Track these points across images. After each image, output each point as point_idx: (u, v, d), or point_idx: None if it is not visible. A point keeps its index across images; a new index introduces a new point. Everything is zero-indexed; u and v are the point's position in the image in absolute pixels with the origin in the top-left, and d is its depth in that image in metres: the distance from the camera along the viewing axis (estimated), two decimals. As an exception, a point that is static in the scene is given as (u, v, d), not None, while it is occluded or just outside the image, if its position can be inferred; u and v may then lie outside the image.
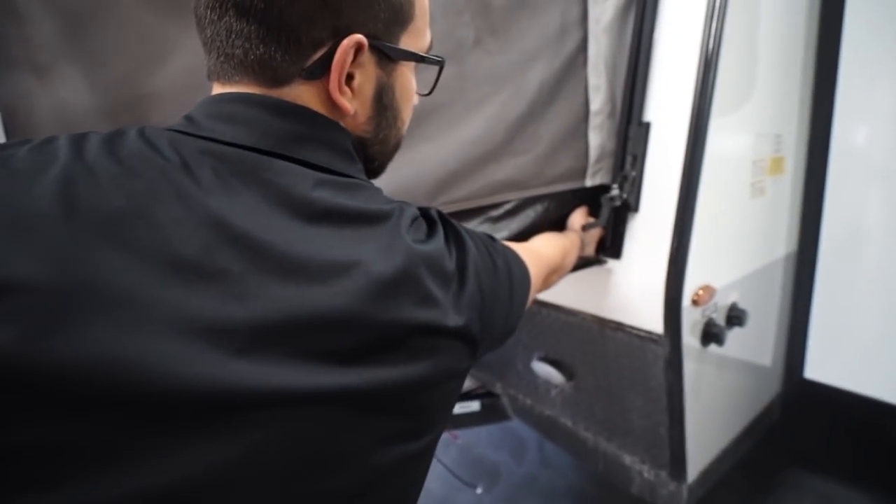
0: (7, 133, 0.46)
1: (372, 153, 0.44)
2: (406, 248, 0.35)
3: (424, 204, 0.74)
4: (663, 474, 1.08)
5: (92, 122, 0.50)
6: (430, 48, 0.45)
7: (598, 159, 1.00)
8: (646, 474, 1.12)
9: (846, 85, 1.19)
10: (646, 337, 0.99)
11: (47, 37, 0.48)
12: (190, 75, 0.55)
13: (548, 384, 1.34)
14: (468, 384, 1.79)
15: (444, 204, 0.78)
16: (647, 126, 0.96)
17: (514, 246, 0.58)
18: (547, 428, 1.43)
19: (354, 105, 0.39)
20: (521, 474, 2.10)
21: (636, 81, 0.97)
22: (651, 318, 0.97)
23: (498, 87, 0.82)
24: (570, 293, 1.15)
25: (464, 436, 2.35)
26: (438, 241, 0.39)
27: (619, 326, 1.04)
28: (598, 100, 0.97)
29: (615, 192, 0.95)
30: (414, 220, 0.40)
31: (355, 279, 0.32)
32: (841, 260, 1.26)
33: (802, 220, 1.30)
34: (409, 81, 0.44)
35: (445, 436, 1.65)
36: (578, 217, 1.00)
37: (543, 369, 1.30)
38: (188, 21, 0.53)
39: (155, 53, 0.54)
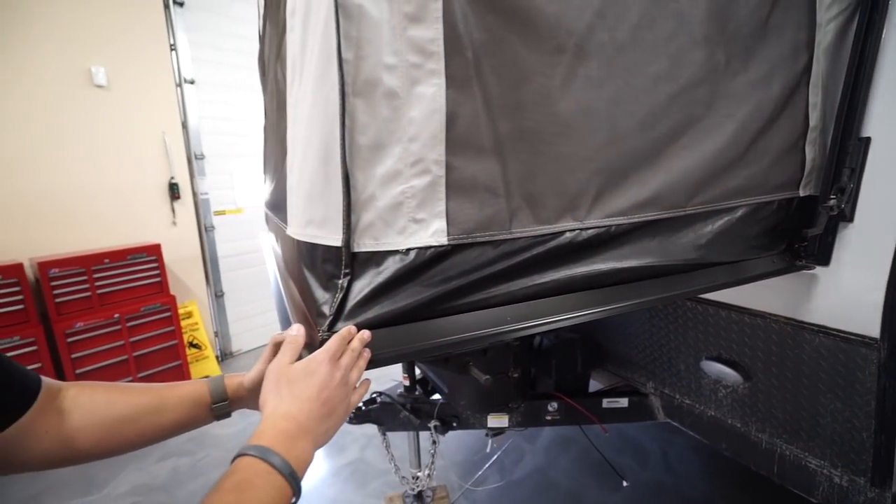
0: (448, 125, 0.64)
1: None
2: None
3: (682, 199, 0.87)
4: (861, 481, 1.10)
5: (487, 121, 0.68)
6: None
7: (810, 172, 1.06)
8: (836, 480, 1.15)
9: None
10: (856, 340, 1.03)
11: (470, 59, 0.65)
12: (539, 93, 0.71)
13: (716, 384, 1.40)
14: (612, 381, 1.87)
15: (696, 205, 0.89)
16: (866, 141, 1.02)
17: None
18: (708, 429, 1.47)
19: None
20: (646, 479, 2.13)
21: (856, 99, 1.02)
22: (864, 322, 1.02)
23: (741, 105, 0.92)
24: (759, 297, 1.21)
25: (583, 439, 2.41)
26: None
27: (820, 329, 1.09)
28: (815, 116, 1.04)
29: (833, 201, 1.01)
30: None
31: None
32: None
33: None
34: None
35: (595, 428, 1.73)
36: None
37: (715, 369, 1.36)
38: (557, 59, 0.70)
39: (520, 77, 0.70)
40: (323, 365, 0.57)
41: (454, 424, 1.72)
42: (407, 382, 1.82)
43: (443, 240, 0.65)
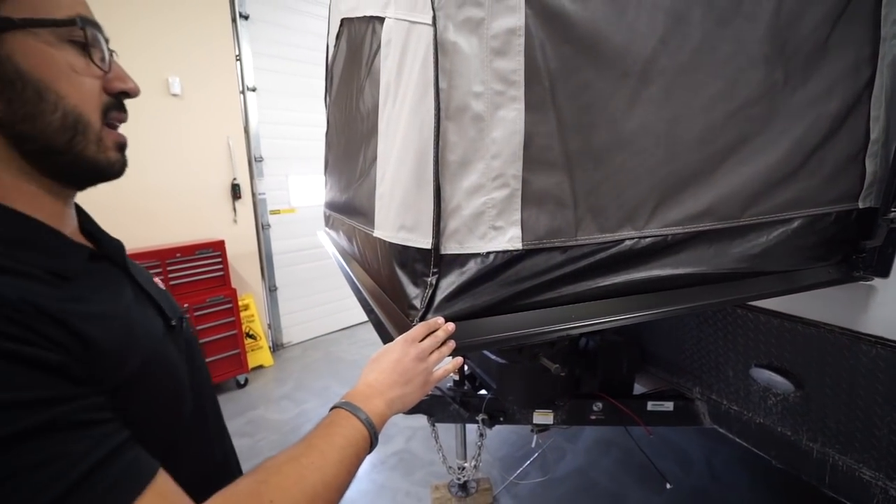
0: (525, 144, 0.73)
1: (21, 132, 0.45)
2: None
3: (737, 211, 0.92)
4: (917, 491, 1.10)
5: (559, 140, 0.76)
6: (75, 19, 0.48)
7: (871, 184, 1.08)
8: (892, 492, 1.15)
9: None
10: (915, 353, 1.04)
11: (546, 86, 0.74)
12: (605, 114, 0.78)
13: (766, 392, 1.41)
14: (656, 385, 1.89)
15: (750, 216, 0.94)
16: (930, 155, 1.02)
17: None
18: (756, 436, 1.49)
19: None
20: (689, 486, 2.13)
21: (920, 112, 1.03)
22: (924, 336, 1.02)
23: (799, 120, 0.96)
24: (814, 306, 1.23)
25: (624, 442, 2.43)
26: None
27: (878, 341, 1.10)
28: (876, 129, 1.06)
29: (894, 214, 1.03)
30: None
31: None
32: None
33: None
34: (44, 53, 0.45)
35: (640, 430, 1.77)
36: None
37: (765, 376, 1.38)
38: (622, 83, 0.77)
39: (589, 100, 0.78)
40: (399, 343, 0.69)
41: (501, 419, 1.80)
42: (456, 377, 1.91)
43: (518, 245, 0.74)
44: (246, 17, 3.60)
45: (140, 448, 0.41)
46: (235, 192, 3.62)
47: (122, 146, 0.55)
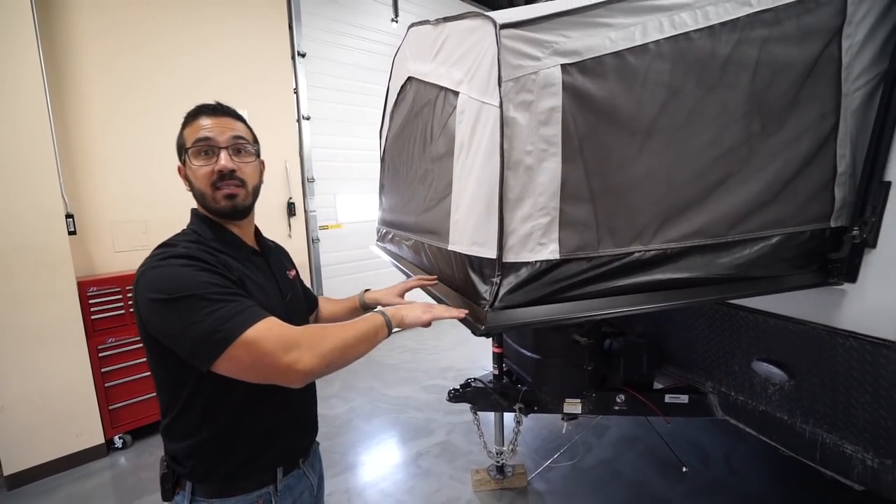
0: (562, 186, 1.04)
1: (197, 200, 1.01)
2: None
3: (723, 230, 1.20)
4: (889, 462, 1.33)
5: (585, 182, 1.07)
6: (193, 145, 0.95)
7: (841, 207, 1.34)
8: (869, 462, 1.38)
9: None
10: (879, 343, 1.28)
11: (576, 145, 1.05)
12: (619, 162, 1.09)
13: (766, 383, 1.65)
14: (674, 382, 2.14)
15: (734, 234, 1.22)
16: (887, 185, 1.28)
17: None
18: (760, 422, 1.72)
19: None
20: (708, 479, 2.34)
21: (878, 151, 1.29)
22: (885, 329, 1.27)
23: (775, 159, 1.24)
24: (800, 308, 1.48)
25: (648, 439, 2.66)
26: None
27: (850, 335, 1.35)
28: (843, 164, 1.32)
29: (856, 232, 1.29)
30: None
31: None
32: None
33: None
34: (189, 164, 0.96)
35: (658, 420, 2.01)
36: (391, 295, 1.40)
37: (765, 369, 1.62)
38: (631, 139, 1.08)
39: (607, 152, 1.09)
40: (421, 307, 1.10)
41: (535, 408, 2.08)
42: (496, 372, 2.21)
43: (556, 256, 1.05)
44: (303, 55, 4.06)
45: (263, 310, 0.84)
46: (291, 209, 4.05)
47: (230, 196, 0.98)
